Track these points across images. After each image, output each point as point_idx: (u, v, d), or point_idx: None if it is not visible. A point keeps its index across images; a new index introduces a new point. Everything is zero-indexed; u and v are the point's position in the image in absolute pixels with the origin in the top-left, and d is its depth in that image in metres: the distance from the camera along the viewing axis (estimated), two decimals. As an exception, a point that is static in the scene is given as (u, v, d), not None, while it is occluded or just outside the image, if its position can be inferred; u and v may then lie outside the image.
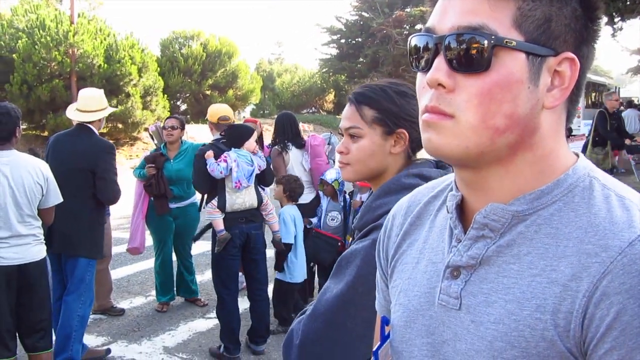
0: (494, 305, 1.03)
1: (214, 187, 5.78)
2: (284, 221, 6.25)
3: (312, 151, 7.11)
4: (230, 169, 5.66)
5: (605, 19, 14.63)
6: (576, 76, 1.05)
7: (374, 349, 1.34)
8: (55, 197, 4.72)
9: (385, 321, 1.35)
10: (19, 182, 4.45)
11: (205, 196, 6.19)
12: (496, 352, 1.01)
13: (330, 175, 6.76)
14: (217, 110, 6.35)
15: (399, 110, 1.92)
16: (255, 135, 6.00)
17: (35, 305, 4.63)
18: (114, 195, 5.47)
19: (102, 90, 6.16)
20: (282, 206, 6.52)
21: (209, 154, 5.67)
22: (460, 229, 1.12)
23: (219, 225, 5.70)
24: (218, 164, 5.59)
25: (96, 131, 5.65)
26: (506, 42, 0.99)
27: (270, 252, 6.57)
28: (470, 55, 1.00)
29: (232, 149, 5.77)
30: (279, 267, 6.35)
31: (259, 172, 5.87)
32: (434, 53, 1.04)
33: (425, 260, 1.20)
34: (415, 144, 1.93)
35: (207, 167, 5.60)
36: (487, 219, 1.07)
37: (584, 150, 12.04)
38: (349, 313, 1.69)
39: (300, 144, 7.14)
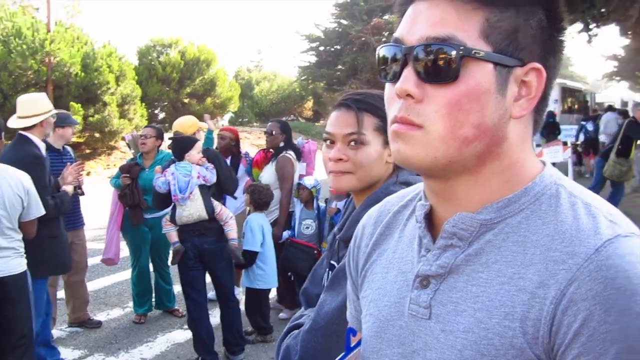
0: (463, 314, 1.04)
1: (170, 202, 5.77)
2: (251, 229, 6.24)
3: (308, 158, 7.12)
4: (168, 183, 5.63)
5: (580, 26, 14.81)
6: (543, 86, 1.06)
7: (337, 359, 1.33)
8: (37, 210, 4.62)
9: (352, 331, 1.35)
10: None
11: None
12: None
13: (309, 181, 6.75)
14: (184, 122, 6.26)
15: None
16: (198, 147, 5.86)
17: (16, 320, 4.49)
18: (48, 208, 4.98)
19: (41, 94, 5.93)
20: (248, 214, 6.50)
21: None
22: (429, 238, 1.13)
23: (173, 237, 5.74)
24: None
25: (35, 139, 5.34)
26: (474, 52, 1.00)
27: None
28: (438, 65, 1.00)
29: (176, 160, 5.77)
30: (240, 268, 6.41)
31: (204, 182, 5.71)
32: (403, 63, 1.05)
33: (394, 270, 1.20)
34: None
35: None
36: (455, 228, 1.07)
37: (604, 159, 11.70)
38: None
39: (299, 151, 7.13)
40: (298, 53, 44.31)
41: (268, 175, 6.84)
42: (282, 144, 6.84)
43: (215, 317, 6.21)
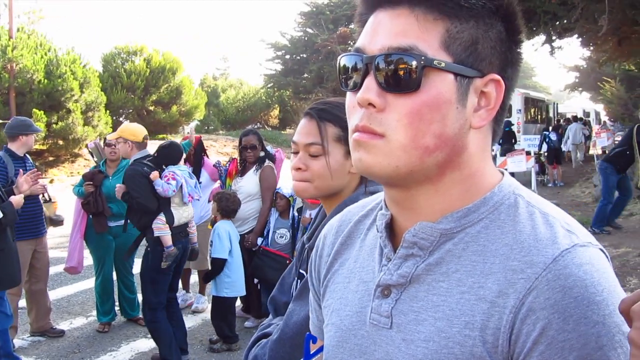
0: (424, 323, 1.04)
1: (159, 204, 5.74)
2: (219, 236, 6.22)
3: (277, 167, 7.10)
4: (181, 185, 5.72)
5: (543, 38, 15.01)
6: (502, 97, 1.07)
7: None
8: None
9: (312, 338, 1.35)
10: None
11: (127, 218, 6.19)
12: None
13: (286, 189, 6.70)
14: (140, 129, 6.18)
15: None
16: (183, 155, 5.99)
17: None
18: None
19: None
20: (216, 221, 6.49)
21: (155, 174, 5.65)
22: (390, 247, 1.13)
23: (169, 241, 5.72)
24: (169, 183, 5.59)
25: None
26: (436, 63, 1.01)
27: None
28: (400, 75, 1.01)
29: (169, 165, 5.77)
30: (208, 280, 6.40)
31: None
32: (364, 73, 1.05)
33: (356, 279, 1.20)
34: None
35: (157, 188, 5.57)
36: (416, 237, 1.08)
37: (612, 164, 11.36)
38: None
39: (274, 160, 7.12)
40: (264, 61, 44.16)
41: (251, 185, 6.77)
42: (262, 154, 6.83)
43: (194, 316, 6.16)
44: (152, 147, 6.26)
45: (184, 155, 6.10)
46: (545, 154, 20.46)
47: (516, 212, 1.05)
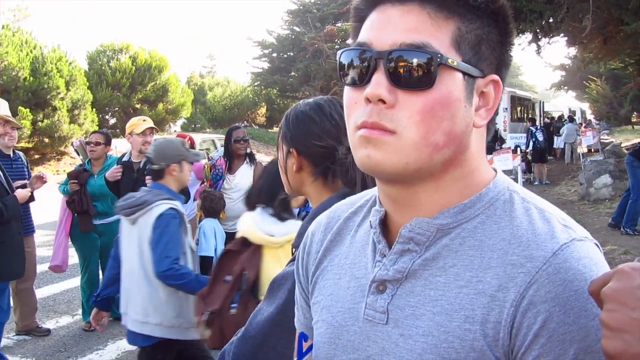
0: (422, 318, 1.04)
1: None
2: (204, 234, 6.21)
3: None
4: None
5: (530, 37, 15.08)
6: (499, 97, 1.09)
7: None
8: None
9: (304, 337, 1.35)
10: None
11: None
12: None
13: None
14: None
15: (294, 132, 1.93)
16: None
17: None
18: None
19: None
20: (201, 219, 6.49)
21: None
22: (384, 243, 1.13)
23: None
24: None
25: None
26: (450, 61, 1.01)
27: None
28: (414, 72, 1.00)
29: None
30: None
31: None
32: (373, 68, 1.03)
33: (347, 276, 1.20)
34: (312, 160, 1.93)
35: None
36: (412, 232, 1.08)
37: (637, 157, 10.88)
38: (279, 337, 1.67)
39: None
40: (251, 59, 44.10)
41: (246, 180, 6.70)
42: (249, 150, 6.84)
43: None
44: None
45: None
46: (531, 152, 20.53)
47: (512, 208, 1.07)
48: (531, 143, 20.41)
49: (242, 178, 6.71)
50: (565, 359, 0.92)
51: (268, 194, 2.89)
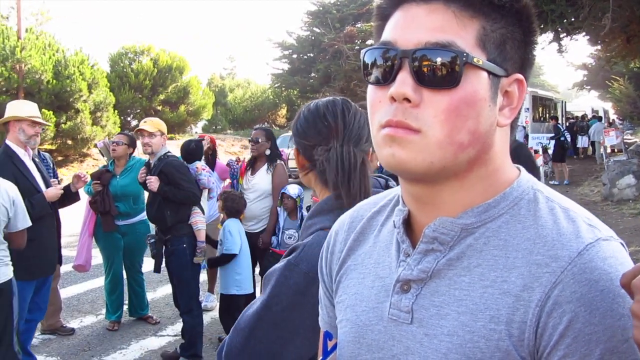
0: (447, 318, 1.04)
1: None
2: (230, 232, 6.25)
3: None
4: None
5: (551, 36, 14.97)
6: (523, 97, 1.09)
7: None
8: (24, 221, 4.54)
9: (328, 336, 1.35)
10: None
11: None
12: None
13: (292, 190, 6.67)
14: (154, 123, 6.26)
15: (294, 132, 1.98)
16: None
17: None
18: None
19: (23, 102, 6.14)
20: (222, 221, 6.54)
21: (200, 166, 5.77)
22: (408, 243, 1.13)
23: (204, 235, 5.88)
24: (210, 175, 5.71)
25: (12, 146, 5.51)
26: (475, 60, 1.01)
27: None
28: (439, 71, 1.00)
29: (197, 161, 5.91)
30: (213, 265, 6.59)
31: None
32: (398, 67, 1.03)
33: (371, 275, 1.20)
34: (308, 159, 1.95)
35: (202, 179, 5.70)
36: (436, 232, 1.08)
37: None
38: (265, 330, 1.71)
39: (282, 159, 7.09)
40: (271, 60, 44.21)
41: (265, 182, 6.69)
42: (268, 152, 6.71)
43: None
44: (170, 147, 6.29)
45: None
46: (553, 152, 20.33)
47: (536, 207, 1.06)
48: (552, 141, 20.20)
49: (261, 179, 6.69)
50: (591, 359, 0.92)
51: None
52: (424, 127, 1.01)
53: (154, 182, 5.78)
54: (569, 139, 20.29)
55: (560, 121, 30.53)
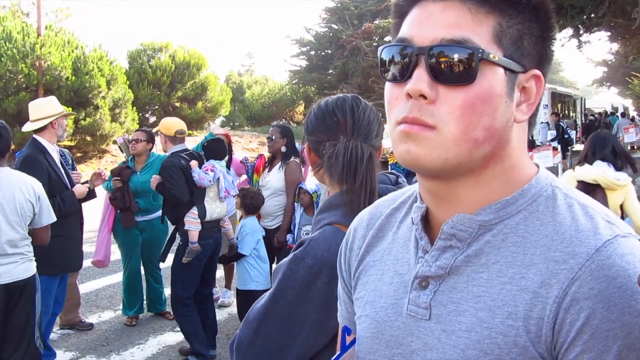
0: (465, 314, 1.05)
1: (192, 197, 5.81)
2: (245, 232, 6.27)
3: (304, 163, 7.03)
4: (218, 179, 5.82)
5: (570, 31, 14.88)
6: (541, 92, 1.09)
7: (333, 358, 1.34)
8: (49, 217, 4.59)
9: (347, 330, 1.36)
10: (10, 199, 4.32)
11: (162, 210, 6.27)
12: None
13: (310, 185, 6.66)
14: (174, 123, 6.25)
15: (305, 128, 2.01)
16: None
17: (18, 324, 4.44)
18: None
19: (50, 98, 6.09)
20: (240, 217, 6.54)
21: (194, 163, 5.72)
22: (426, 239, 1.13)
23: (195, 237, 5.73)
24: (206, 173, 5.65)
25: (43, 142, 5.54)
26: (491, 56, 1.01)
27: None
28: (455, 67, 1.01)
29: (211, 160, 5.88)
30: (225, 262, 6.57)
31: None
32: (414, 64, 1.04)
33: (390, 272, 1.21)
34: (318, 154, 1.97)
35: (194, 175, 5.64)
36: (454, 229, 1.08)
37: None
38: (273, 323, 1.73)
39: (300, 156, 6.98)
40: (289, 57, 44.28)
41: (277, 180, 6.69)
42: (284, 149, 6.68)
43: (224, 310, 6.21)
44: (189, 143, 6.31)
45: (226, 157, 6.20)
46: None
47: (555, 204, 1.06)
48: (551, 136, 20.17)
49: (274, 177, 6.71)
50: (609, 355, 0.91)
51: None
52: (439, 123, 1.01)
53: (153, 181, 5.89)
54: (572, 136, 20.20)
55: (579, 119, 30.34)
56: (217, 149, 6.14)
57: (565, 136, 20.22)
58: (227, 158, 6.30)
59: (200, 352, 5.81)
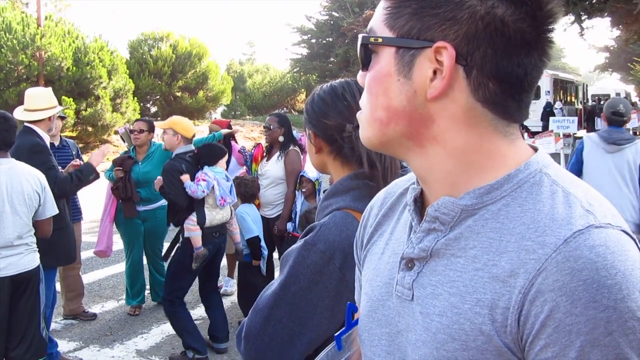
0: (439, 298, 1.05)
1: (191, 202, 5.78)
2: (243, 218, 6.26)
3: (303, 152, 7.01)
4: (212, 187, 5.73)
5: (572, 18, 14.83)
6: (452, 64, 1.01)
7: (337, 334, 1.35)
8: (52, 208, 4.62)
9: (353, 308, 1.37)
10: (17, 190, 4.34)
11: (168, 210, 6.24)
12: (439, 343, 1.02)
13: (311, 173, 6.62)
14: (191, 126, 6.19)
15: (310, 114, 1.99)
16: (226, 156, 6.04)
17: (24, 315, 4.49)
18: (70, 183, 5.37)
19: (48, 89, 6.07)
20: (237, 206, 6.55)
21: (185, 177, 5.64)
22: (417, 221, 1.14)
23: (198, 242, 5.68)
24: (198, 185, 5.60)
25: (41, 132, 5.51)
26: (372, 39, 1.08)
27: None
28: (361, 55, 1.12)
29: (205, 166, 5.80)
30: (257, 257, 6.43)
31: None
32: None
33: (389, 251, 1.22)
34: (327, 139, 1.95)
35: (187, 189, 5.58)
36: (437, 212, 1.08)
37: None
38: (285, 311, 1.72)
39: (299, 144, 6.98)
40: (290, 45, 44.14)
41: (276, 169, 6.68)
42: (281, 138, 6.67)
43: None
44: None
45: (225, 157, 6.12)
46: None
47: (539, 191, 1.02)
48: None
49: (273, 166, 6.70)
50: (572, 350, 0.89)
51: None
52: (362, 107, 1.14)
53: (157, 183, 5.88)
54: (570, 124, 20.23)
55: (581, 104, 30.21)
56: (209, 154, 6.03)
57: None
58: (226, 158, 6.24)
59: (194, 346, 5.79)
